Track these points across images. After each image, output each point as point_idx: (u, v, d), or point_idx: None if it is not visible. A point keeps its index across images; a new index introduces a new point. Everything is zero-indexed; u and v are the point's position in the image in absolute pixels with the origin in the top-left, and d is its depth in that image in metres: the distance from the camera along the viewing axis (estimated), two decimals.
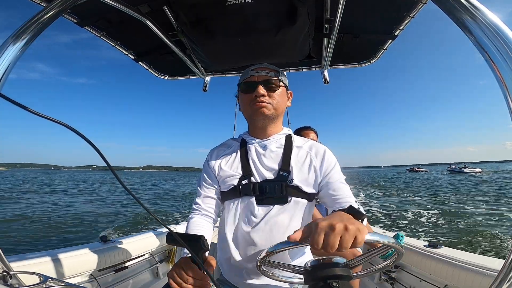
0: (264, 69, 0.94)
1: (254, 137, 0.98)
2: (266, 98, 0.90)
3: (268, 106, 0.90)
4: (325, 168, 0.91)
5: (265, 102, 0.90)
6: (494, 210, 10.89)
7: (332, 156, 0.95)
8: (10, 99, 0.45)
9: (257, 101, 0.90)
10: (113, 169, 0.50)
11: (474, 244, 6.48)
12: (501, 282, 0.55)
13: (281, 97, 0.94)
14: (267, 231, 0.85)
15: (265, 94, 0.90)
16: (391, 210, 11.97)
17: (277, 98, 0.92)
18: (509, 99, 0.51)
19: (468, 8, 0.54)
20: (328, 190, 0.88)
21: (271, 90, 0.91)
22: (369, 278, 1.91)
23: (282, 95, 0.95)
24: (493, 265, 1.20)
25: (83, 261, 1.38)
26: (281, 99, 0.94)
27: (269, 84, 0.91)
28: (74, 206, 13.31)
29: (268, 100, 0.90)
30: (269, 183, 0.88)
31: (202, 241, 0.58)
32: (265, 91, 0.90)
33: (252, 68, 0.95)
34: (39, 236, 7.18)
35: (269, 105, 0.90)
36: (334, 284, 0.53)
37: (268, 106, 0.90)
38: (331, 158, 0.93)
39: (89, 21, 1.10)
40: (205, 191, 0.96)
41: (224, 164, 0.96)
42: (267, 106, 0.90)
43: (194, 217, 0.92)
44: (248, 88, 0.92)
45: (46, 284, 0.67)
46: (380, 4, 1.08)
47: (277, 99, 0.93)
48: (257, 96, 0.90)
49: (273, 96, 0.92)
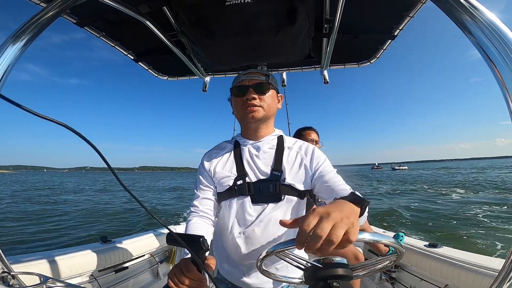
0: (255, 73, 0.98)
1: (247, 138, 1.02)
2: (257, 101, 0.94)
3: (259, 110, 0.94)
4: (315, 164, 0.96)
5: (256, 106, 0.94)
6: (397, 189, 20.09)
7: (321, 152, 1.00)
8: (10, 100, 0.45)
9: (248, 104, 0.94)
10: (113, 170, 0.50)
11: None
12: (502, 282, 0.55)
13: (271, 100, 0.99)
14: (262, 228, 0.88)
15: (255, 97, 0.94)
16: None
17: (267, 100, 0.97)
18: (509, 99, 0.51)
19: (467, 8, 0.54)
20: (323, 183, 0.90)
21: (261, 93, 0.95)
22: (369, 278, 1.91)
23: (272, 98, 0.99)
24: (493, 265, 1.20)
25: (84, 261, 1.38)
26: (271, 102, 0.98)
27: (259, 88, 0.95)
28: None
29: (259, 103, 0.94)
30: (263, 183, 0.92)
31: (202, 241, 0.58)
32: (256, 94, 0.94)
33: (243, 73, 0.99)
34: (39, 237, 7.19)
35: (259, 108, 0.94)
36: (334, 284, 0.52)
37: (258, 110, 0.94)
38: (320, 154, 0.99)
39: (88, 22, 1.10)
40: (202, 193, 0.99)
41: (219, 166, 0.99)
42: (258, 109, 0.94)
43: (192, 219, 0.93)
44: (239, 92, 0.96)
45: (46, 284, 0.67)
46: (380, 4, 1.08)
47: (267, 101, 0.97)
48: (248, 99, 0.94)
49: (263, 99, 0.96)
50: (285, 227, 0.53)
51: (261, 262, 0.62)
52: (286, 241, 0.55)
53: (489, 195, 14.17)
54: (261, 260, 0.61)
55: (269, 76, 0.99)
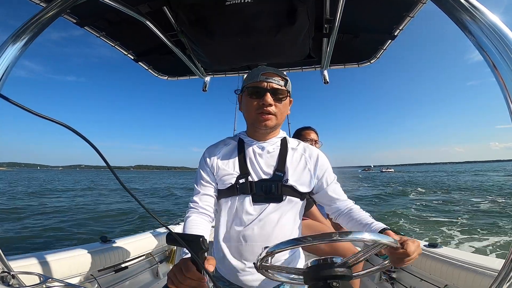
0: (274, 75, 0.91)
1: (252, 138, 1.00)
2: (272, 108, 0.90)
3: (272, 118, 0.91)
4: (320, 171, 0.97)
5: (271, 114, 0.90)
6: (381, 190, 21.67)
7: (325, 158, 1.01)
8: (10, 100, 0.45)
9: (264, 111, 0.90)
10: (112, 170, 0.50)
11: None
12: (501, 282, 0.55)
13: (285, 107, 0.96)
14: (261, 227, 0.88)
15: (272, 103, 0.89)
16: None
17: (282, 108, 0.93)
18: (509, 100, 0.51)
19: (468, 9, 0.54)
20: (326, 191, 0.97)
21: (278, 100, 0.91)
22: (369, 278, 1.91)
23: (287, 105, 0.97)
24: (493, 265, 1.20)
25: (83, 261, 1.38)
26: (285, 109, 0.95)
27: (277, 94, 0.90)
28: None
29: (274, 111, 0.91)
30: (265, 183, 0.91)
31: (202, 241, 0.58)
32: (273, 101, 0.89)
33: (262, 72, 0.91)
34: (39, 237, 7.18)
35: (273, 117, 0.91)
36: (334, 284, 0.52)
37: (272, 119, 0.91)
38: (325, 161, 1.00)
39: (88, 21, 1.10)
40: (202, 188, 0.96)
41: (221, 163, 0.96)
42: (272, 118, 0.91)
43: (191, 216, 0.91)
44: (256, 94, 0.91)
45: (46, 284, 0.67)
46: (380, 4, 1.08)
47: (282, 109, 0.93)
48: (264, 105, 0.89)
49: (279, 106, 0.92)
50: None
51: (260, 262, 0.62)
52: (286, 241, 0.55)
53: (439, 196, 16.80)
54: (261, 260, 0.61)
55: (287, 81, 0.93)
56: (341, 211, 0.96)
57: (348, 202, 0.98)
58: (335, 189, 0.98)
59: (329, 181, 0.98)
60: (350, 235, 0.54)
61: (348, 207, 0.96)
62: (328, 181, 0.97)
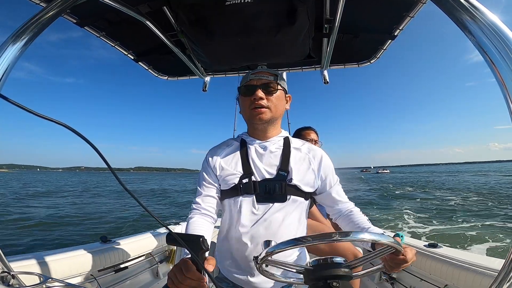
0: (264, 73, 0.96)
1: (254, 138, 1.00)
2: (264, 101, 0.93)
3: (266, 111, 0.93)
4: (323, 172, 0.98)
5: (263, 107, 0.92)
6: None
7: (329, 159, 1.02)
8: (10, 100, 0.45)
9: (256, 105, 0.92)
10: (113, 170, 0.50)
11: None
12: (501, 282, 0.55)
13: (279, 100, 0.97)
14: (265, 227, 0.88)
15: (263, 97, 0.93)
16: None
17: (275, 101, 0.95)
18: (509, 100, 0.51)
19: (467, 8, 0.54)
20: (329, 193, 0.98)
21: (269, 94, 0.94)
22: (369, 278, 1.91)
23: (280, 99, 0.98)
24: (493, 265, 1.20)
25: (83, 261, 1.38)
26: (279, 102, 0.97)
27: (267, 88, 0.94)
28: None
29: (266, 104, 0.93)
30: (269, 182, 0.91)
31: (202, 241, 0.58)
32: (264, 94, 0.93)
33: (252, 72, 0.97)
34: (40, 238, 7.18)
35: (266, 110, 0.93)
36: (334, 284, 0.52)
37: (265, 111, 0.93)
38: (328, 162, 1.01)
39: (88, 21, 1.10)
40: (205, 190, 0.96)
41: (224, 163, 0.97)
42: (265, 111, 0.93)
43: (194, 217, 0.92)
44: (247, 91, 0.95)
45: (46, 284, 0.67)
46: (380, 4, 1.08)
47: (275, 102, 0.95)
48: (255, 99, 0.92)
49: (271, 99, 0.94)
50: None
51: (261, 262, 0.62)
52: (286, 241, 0.55)
53: (420, 193, 19.00)
54: (261, 260, 0.61)
55: (278, 76, 0.97)
56: (342, 212, 0.98)
57: (349, 204, 0.99)
58: (338, 191, 1.00)
59: (333, 182, 0.99)
60: (350, 235, 0.54)
61: (349, 209, 0.97)
62: (332, 183, 0.98)
